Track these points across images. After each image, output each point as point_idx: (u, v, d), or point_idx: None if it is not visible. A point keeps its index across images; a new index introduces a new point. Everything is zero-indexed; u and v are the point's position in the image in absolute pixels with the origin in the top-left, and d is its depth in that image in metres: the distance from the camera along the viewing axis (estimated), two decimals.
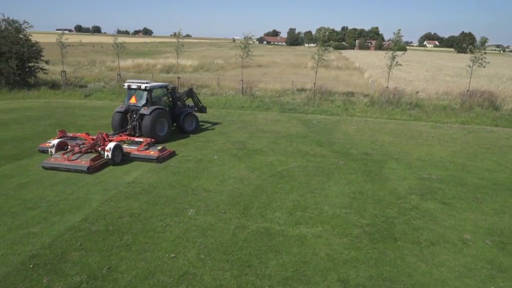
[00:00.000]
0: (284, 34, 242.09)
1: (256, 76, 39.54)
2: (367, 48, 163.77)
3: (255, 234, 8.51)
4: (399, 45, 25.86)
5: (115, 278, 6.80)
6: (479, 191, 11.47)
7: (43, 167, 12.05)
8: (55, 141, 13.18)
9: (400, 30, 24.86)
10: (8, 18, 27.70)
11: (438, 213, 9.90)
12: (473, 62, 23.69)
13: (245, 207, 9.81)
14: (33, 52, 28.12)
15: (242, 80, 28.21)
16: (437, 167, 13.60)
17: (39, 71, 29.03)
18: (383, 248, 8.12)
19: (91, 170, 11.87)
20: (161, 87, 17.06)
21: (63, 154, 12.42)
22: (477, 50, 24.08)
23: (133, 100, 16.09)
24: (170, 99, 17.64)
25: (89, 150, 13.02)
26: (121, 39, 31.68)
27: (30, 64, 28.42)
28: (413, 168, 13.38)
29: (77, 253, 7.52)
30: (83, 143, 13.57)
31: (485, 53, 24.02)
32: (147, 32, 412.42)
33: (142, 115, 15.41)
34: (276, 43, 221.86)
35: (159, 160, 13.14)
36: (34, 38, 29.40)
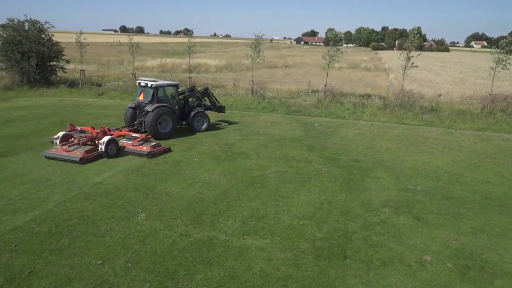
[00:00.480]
0: (322, 34, 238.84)
1: (278, 76, 39.10)
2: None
3: (196, 243, 8.16)
4: (420, 44, 24.47)
5: (31, 283, 6.69)
6: (464, 206, 10.46)
7: (45, 156, 12.99)
8: (60, 133, 14.11)
9: (419, 27, 23.50)
10: (30, 18, 28.87)
11: (406, 229, 9.09)
12: (496, 64, 21.92)
13: (199, 214, 9.47)
14: (54, 51, 29.18)
15: (253, 81, 27.83)
16: (428, 178, 12.60)
17: (59, 70, 30.11)
18: (326, 266, 7.51)
19: (83, 160, 12.66)
20: (169, 85, 17.27)
21: (62, 145, 13.34)
22: (501, 50, 22.21)
23: (141, 97, 16.71)
24: (181, 97, 17.82)
25: (88, 143, 13.69)
26: (162, 39, 32.45)
27: (52, 63, 29.53)
28: (400, 178, 12.47)
29: (7, 254, 7.50)
30: (85, 136, 14.24)
31: None
32: (188, 32, 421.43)
33: (147, 112, 15.80)
34: (313, 43, 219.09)
35: (149, 155, 13.45)
36: (81, 38, 29.94)
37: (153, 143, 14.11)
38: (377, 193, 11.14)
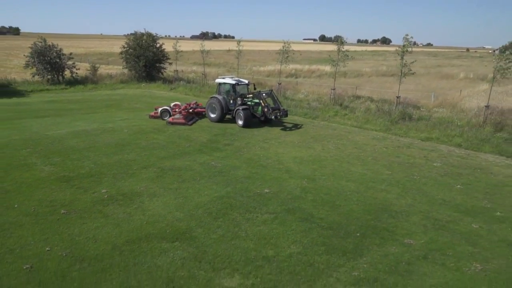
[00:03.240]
0: None
1: (351, 84, 37.99)
2: None
3: None
4: (404, 52, 21.37)
5: None
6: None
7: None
8: (160, 108, 21.50)
9: (407, 34, 20.93)
10: (147, 31, 38.56)
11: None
12: (496, 71, 17.51)
13: None
14: (159, 56, 38.14)
15: (280, 83, 29.42)
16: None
17: (164, 70, 39.09)
18: None
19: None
20: (228, 83, 20.77)
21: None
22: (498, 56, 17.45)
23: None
24: (235, 94, 20.52)
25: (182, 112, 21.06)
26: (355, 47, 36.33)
27: (158, 65, 38.69)
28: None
29: None
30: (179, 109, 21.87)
31: None
32: (385, 41, 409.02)
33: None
34: None
35: (167, 123, 19.99)
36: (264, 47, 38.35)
37: (177, 116, 20.33)
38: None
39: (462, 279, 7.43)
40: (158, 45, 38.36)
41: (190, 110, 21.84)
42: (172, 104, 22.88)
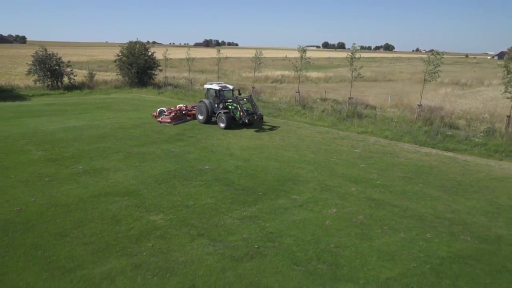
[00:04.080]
0: None
1: (330, 88, 41.27)
2: None
3: None
4: (353, 59, 24.79)
5: None
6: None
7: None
8: (158, 109, 24.80)
9: (354, 44, 24.46)
10: (139, 40, 42.23)
11: None
12: (427, 73, 20.76)
13: None
14: (150, 63, 41.70)
15: (254, 87, 32.75)
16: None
17: (155, 76, 42.66)
18: None
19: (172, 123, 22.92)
20: (211, 89, 23.64)
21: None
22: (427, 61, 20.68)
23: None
24: (219, 99, 23.07)
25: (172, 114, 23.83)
26: (362, 54, 39.93)
27: (149, 71, 42.25)
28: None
29: None
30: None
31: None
32: (388, 47, 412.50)
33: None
34: None
35: (157, 121, 23.26)
36: (268, 54, 41.48)
37: (166, 116, 23.15)
38: None
39: (317, 217, 10.65)
40: (149, 53, 41.93)
41: (183, 112, 24.60)
42: (169, 107, 25.74)
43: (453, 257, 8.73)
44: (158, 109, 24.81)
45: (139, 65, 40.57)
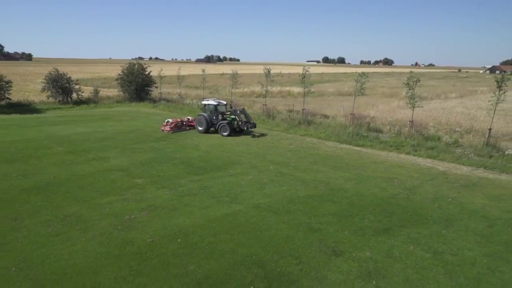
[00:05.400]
0: None
1: (333, 102, 47.73)
2: None
3: None
4: (306, 80, 31.46)
5: None
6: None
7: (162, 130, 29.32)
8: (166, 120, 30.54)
9: (304, 67, 31.11)
10: (137, 60, 49.21)
11: None
12: (357, 90, 27.37)
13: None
14: (147, 81, 48.65)
15: (232, 101, 39.50)
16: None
17: (151, 92, 49.58)
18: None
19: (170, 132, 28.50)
20: (210, 104, 28.66)
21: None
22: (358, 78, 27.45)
23: None
24: (217, 112, 28.19)
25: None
26: (361, 69, 46.49)
27: (146, 88, 49.17)
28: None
29: None
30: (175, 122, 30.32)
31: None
32: (387, 62, 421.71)
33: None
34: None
35: (161, 130, 28.71)
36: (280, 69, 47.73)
37: (167, 127, 28.87)
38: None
39: (238, 180, 17.10)
40: (147, 72, 48.93)
41: (184, 123, 29.85)
42: (175, 119, 31.29)
43: (306, 196, 15.20)
44: (166, 120, 29.68)
45: (137, 83, 47.48)
